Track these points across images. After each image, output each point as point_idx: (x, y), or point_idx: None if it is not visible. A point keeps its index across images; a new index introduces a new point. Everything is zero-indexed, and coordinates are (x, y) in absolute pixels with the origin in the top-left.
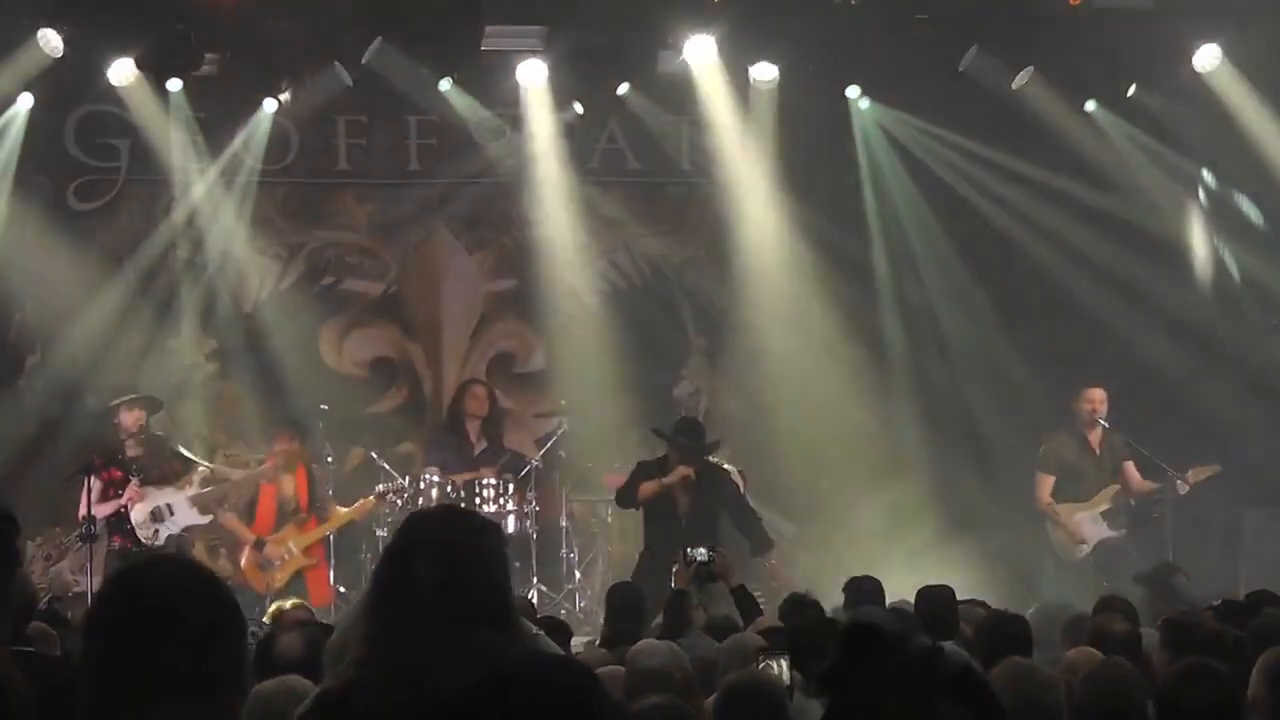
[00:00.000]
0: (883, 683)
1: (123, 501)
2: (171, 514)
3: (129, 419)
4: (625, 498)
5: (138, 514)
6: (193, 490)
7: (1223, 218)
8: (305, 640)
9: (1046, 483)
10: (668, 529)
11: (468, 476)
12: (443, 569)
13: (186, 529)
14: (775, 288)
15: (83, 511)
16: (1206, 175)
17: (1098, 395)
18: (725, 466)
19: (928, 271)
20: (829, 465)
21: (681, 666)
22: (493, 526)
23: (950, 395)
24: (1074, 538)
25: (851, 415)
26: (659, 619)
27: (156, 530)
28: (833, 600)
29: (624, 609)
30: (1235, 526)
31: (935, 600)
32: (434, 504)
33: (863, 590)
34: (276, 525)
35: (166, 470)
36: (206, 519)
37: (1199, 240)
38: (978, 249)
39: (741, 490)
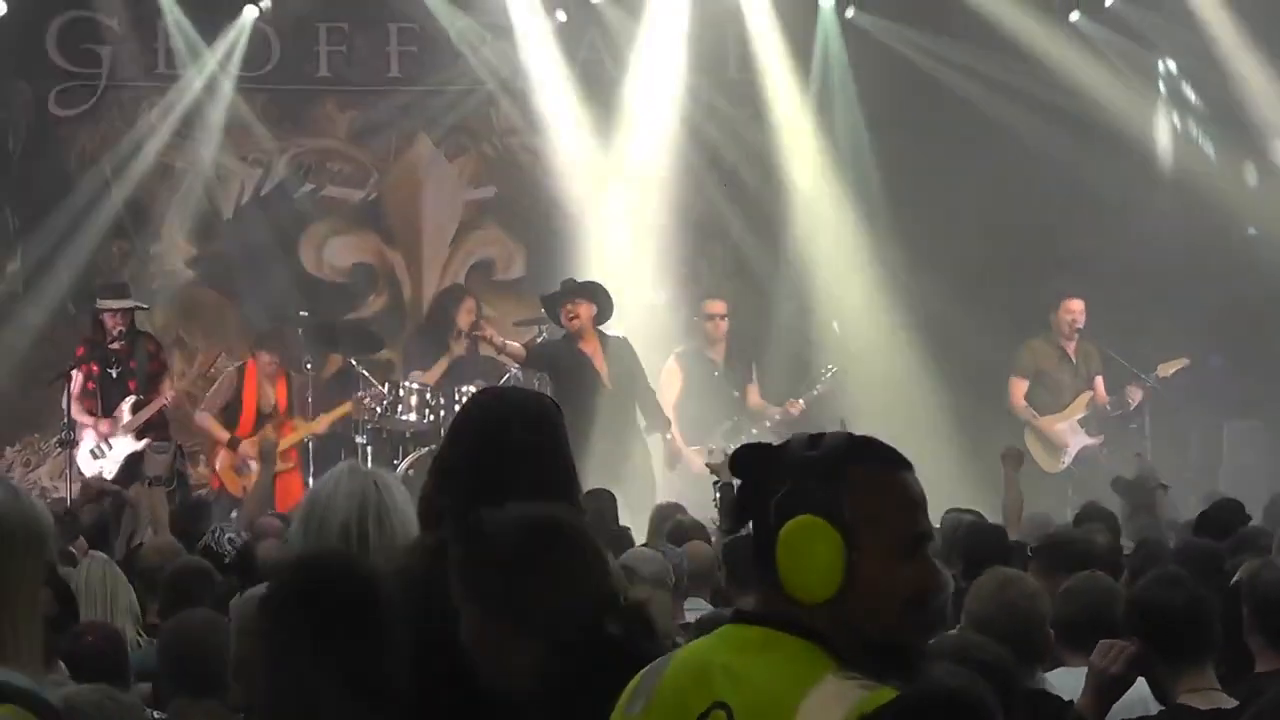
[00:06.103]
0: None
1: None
2: (110, 449)
3: (111, 322)
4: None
5: (82, 459)
6: (125, 418)
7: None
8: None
9: (1020, 386)
10: (586, 398)
11: (440, 371)
12: (536, 437)
13: (128, 457)
14: (754, 196)
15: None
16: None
17: (1076, 306)
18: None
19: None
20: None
21: (679, 568)
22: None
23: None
24: (1056, 447)
25: (827, 325)
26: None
27: (101, 469)
28: None
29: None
30: (1214, 438)
31: None
32: (413, 411)
33: None
34: (255, 428)
35: (149, 368)
36: (142, 443)
37: (1167, 142)
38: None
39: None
